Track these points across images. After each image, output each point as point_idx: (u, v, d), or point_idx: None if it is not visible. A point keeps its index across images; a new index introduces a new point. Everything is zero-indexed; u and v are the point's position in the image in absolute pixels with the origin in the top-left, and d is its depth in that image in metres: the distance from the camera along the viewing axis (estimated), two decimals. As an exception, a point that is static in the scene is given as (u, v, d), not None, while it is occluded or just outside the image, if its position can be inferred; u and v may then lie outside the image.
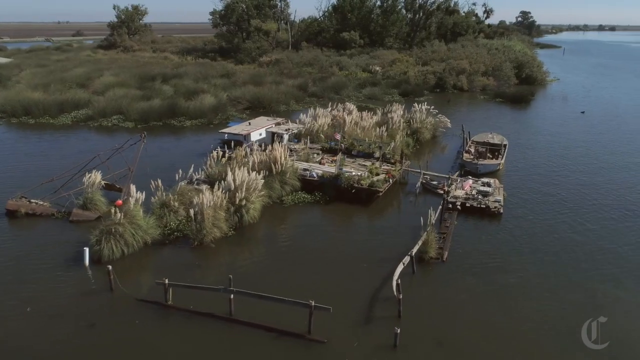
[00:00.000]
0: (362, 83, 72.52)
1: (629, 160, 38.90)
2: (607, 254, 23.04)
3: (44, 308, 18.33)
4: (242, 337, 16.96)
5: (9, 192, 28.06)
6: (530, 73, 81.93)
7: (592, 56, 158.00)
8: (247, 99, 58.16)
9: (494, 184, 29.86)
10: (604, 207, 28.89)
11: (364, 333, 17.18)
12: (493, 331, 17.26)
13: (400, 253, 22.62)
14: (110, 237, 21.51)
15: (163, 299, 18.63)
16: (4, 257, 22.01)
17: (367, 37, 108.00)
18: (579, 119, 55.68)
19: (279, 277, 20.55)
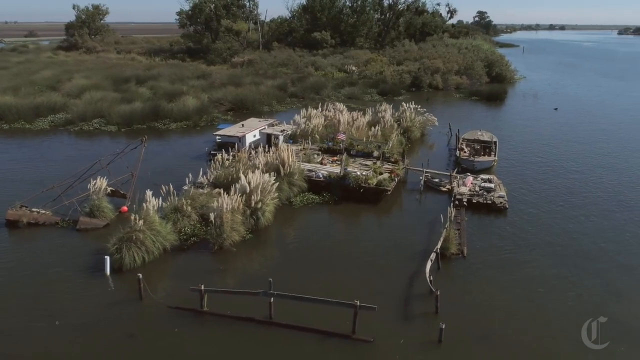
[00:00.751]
0: (340, 83, 73.01)
1: (606, 151, 41.38)
2: (609, 241, 24.23)
3: (73, 320, 17.69)
4: (284, 341, 16.90)
5: (4, 202, 26.84)
6: (500, 72, 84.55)
7: (550, 54, 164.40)
8: (228, 100, 57.54)
9: (494, 180, 30.76)
10: (596, 195, 30.69)
11: (406, 330, 17.46)
12: (528, 323, 17.84)
13: (418, 250, 23.23)
14: (131, 244, 20.94)
15: (195, 305, 18.33)
16: (19, 270, 21.11)
17: (338, 37, 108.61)
18: (553, 115, 57.94)
19: (308, 278, 20.55)
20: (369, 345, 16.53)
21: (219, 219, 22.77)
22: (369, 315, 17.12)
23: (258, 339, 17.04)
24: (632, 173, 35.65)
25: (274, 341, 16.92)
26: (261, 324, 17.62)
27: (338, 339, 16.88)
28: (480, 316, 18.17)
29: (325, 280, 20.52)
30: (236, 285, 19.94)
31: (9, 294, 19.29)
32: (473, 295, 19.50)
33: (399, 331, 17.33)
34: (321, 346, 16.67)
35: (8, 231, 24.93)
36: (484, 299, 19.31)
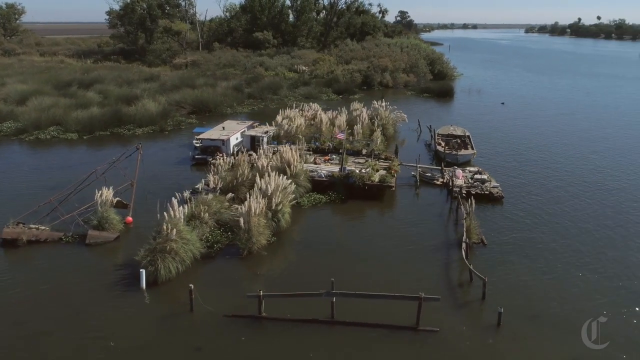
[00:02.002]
0: (293, 83, 73.20)
1: (561, 139, 45.72)
2: (606, 217, 26.73)
3: (129, 340, 16.75)
4: (351, 338, 17.08)
5: None
6: (441, 69, 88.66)
7: (474, 52, 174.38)
8: (188, 103, 55.84)
9: (483, 172, 32.56)
10: (569, 174, 35.28)
11: (462, 317, 18.27)
12: (569, 302, 19.27)
13: (439, 241, 24.56)
14: (165, 255, 20.08)
15: (251, 311, 18.02)
16: (46, 292, 19.51)
17: (279, 37, 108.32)
18: (502, 109, 61.93)
19: (348, 276, 20.70)
20: (436, 336, 17.14)
21: (247, 223, 22.36)
22: (424, 306, 17.69)
23: (325, 339, 17.12)
24: (584, 151, 40.21)
25: (340, 340, 17.06)
26: (324, 324, 17.69)
27: (403, 332, 17.35)
28: (521, 297, 19.38)
29: (365, 276, 20.87)
30: (281, 288, 19.71)
31: (48, 317, 17.85)
32: (506, 279, 20.71)
33: (456, 319, 18.11)
34: (388, 340, 17.04)
35: (7, 251, 22.87)
36: (517, 281, 20.60)
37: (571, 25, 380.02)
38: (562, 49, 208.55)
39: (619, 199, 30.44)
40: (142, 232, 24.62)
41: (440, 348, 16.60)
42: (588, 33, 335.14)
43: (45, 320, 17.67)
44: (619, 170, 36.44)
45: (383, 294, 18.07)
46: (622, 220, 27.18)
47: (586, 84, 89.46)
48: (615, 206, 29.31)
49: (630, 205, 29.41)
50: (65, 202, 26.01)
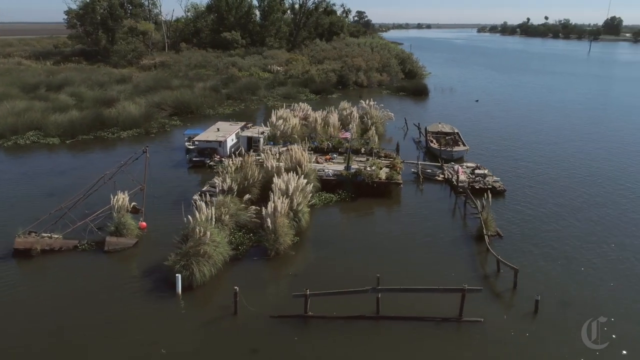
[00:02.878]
0: (270, 83, 72.93)
1: (538, 131, 47.89)
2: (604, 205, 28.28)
3: (179, 346, 16.45)
4: (397, 332, 17.39)
5: None
6: (412, 68, 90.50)
7: (435, 52, 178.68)
8: (169, 105, 54.66)
9: (482, 167, 33.64)
10: (559, 165, 37.21)
11: (500, 307, 18.98)
12: (592, 287, 20.33)
13: (457, 234, 25.32)
14: (199, 259, 19.78)
15: (293, 311, 18.05)
16: (75, 302, 18.82)
17: (248, 37, 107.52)
18: (477, 106, 63.91)
19: (381, 271, 20.89)
20: (480, 326, 17.72)
21: (273, 224, 22.30)
22: (458, 297, 18.25)
23: (372, 334, 17.37)
24: (566, 140, 42.46)
25: (387, 334, 17.34)
26: (370, 320, 17.95)
27: (448, 324, 17.84)
28: (547, 285, 20.25)
29: (394, 272, 21.10)
30: (317, 287, 19.63)
31: (87, 328, 17.27)
32: (533, 270, 21.54)
33: (495, 309, 18.78)
34: (434, 332, 17.48)
35: (21, 262, 21.87)
36: (544, 271, 21.45)
37: (521, 25, 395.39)
38: (516, 48, 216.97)
39: (607, 183, 32.47)
40: (157, 237, 24.21)
41: (487, 337, 17.16)
42: (537, 32, 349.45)
43: (85, 331, 17.09)
44: (601, 157, 38.63)
45: (427, 287, 18.52)
46: (616, 202, 28.86)
47: (547, 82, 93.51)
48: (606, 189, 31.08)
49: (618, 187, 31.31)
50: (74, 209, 25.05)
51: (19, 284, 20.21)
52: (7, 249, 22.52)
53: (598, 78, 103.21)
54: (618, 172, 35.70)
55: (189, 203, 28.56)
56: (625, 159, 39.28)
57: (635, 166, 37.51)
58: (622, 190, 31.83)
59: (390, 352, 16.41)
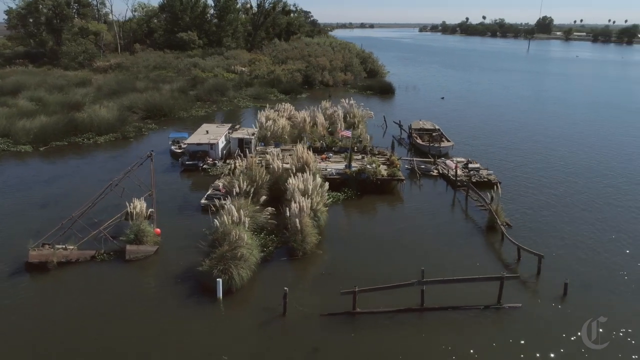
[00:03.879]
0: (237, 84, 72.11)
1: (509, 124, 50.33)
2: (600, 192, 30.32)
3: (238, 351, 16.29)
4: (442, 322, 18.02)
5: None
6: (373, 67, 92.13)
7: (386, 51, 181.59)
8: (140, 108, 52.92)
9: (474, 162, 35.03)
10: (540, 155, 39.55)
11: (531, 291, 20.01)
12: (610, 269, 21.85)
13: (463, 225, 26.54)
14: (237, 262, 19.57)
15: (342, 308, 18.29)
16: (111, 315, 18.13)
17: (205, 38, 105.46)
18: (443, 103, 66.15)
19: (412, 264, 21.57)
20: (519, 311, 18.66)
21: (301, 224, 22.36)
22: (494, 284, 19.17)
23: (419, 324, 17.88)
24: (539, 133, 45.17)
25: (433, 324, 17.91)
26: (415, 312, 18.46)
27: (489, 311, 18.66)
28: (567, 268, 21.54)
29: (424, 264, 21.56)
30: (352, 283, 19.96)
31: (135, 339, 16.75)
32: (550, 256, 22.71)
33: (527, 294, 19.81)
34: (478, 319, 18.25)
35: (36, 277, 20.73)
36: (561, 257, 22.67)
37: (460, 24, 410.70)
38: (461, 47, 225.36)
39: (581, 169, 34.82)
40: (173, 243, 23.67)
41: (528, 321, 18.09)
42: (476, 32, 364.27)
43: (137, 344, 16.55)
44: (573, 144, 41.20)
45: (469, 277, 19.29)
46: (600, 189, 31.08)
47: (499, 79, 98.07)
48: (583, 174, 33.35)
49: (601, 171, 33.66)
50: (81, 218, 23.98)
51: (43, 300, 19.15)
52: (18, 262, 21.30)
53: (545, 75, 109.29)
54: (585, 155, 38.46)
55: (195, 207, 28.22)
56: (590, 143, 42.19)
57: (596, 151, 40.41)
58: (599, 174, 34.24)
59: (440, 341, 16.94)
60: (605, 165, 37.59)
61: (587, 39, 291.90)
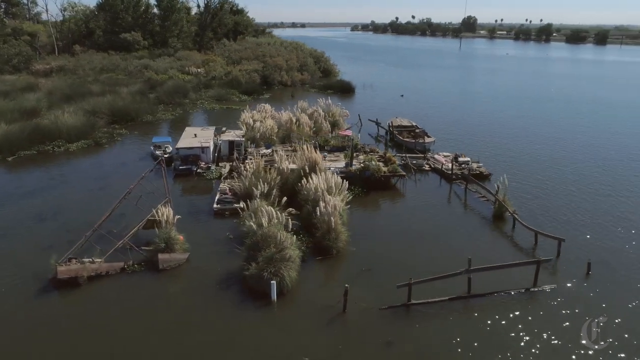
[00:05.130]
0: (195, 85, 70.52)
1: (475, 118, 53.06)
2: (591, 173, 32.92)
3: (316, 352, 16.39)
4: (489, 307, 19.12)
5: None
6: (326, 66, 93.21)
7: (328, 50, 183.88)
8: (105, 113, 50.50)
9: (464, 155, 36.74)
10: (520, 144, 41.70)
11: (558, 274, 21.57)
12: (617, 248, 23.97)
13: (474, 217, 27.85)
14: (287, 263, 19.62)
15: (396, 301, 18.91)
16: (166, 327, 17.61)
17: (150, 38, 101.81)
18: (404, 100, 68.37)
19: (438, 255, 22.64)
20: (554, 291, 20.14)
21: (333, 223, 22.69)
22: (519, 270, 20.66)
23: (467, 311, 18.83)
24: (509, 124, 47.56)
25: (480, 309, 18.94)
26: (463, 299, 19.42)
27: (528, 293, 20.00)
28: (583, 251, 23.41)
29: (444, 256, 22.76)
30: (394, 277, 20.60)
31: (205, 348, 16.39)
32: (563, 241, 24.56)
33: (554, 276, 21.34)
34: (519, 302, 19.48)
35: (68, 293, 19.63)
36: (574, 241, 24.39)
37: (391, 23, 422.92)
38: (397, 45, 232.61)
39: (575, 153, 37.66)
40: (199, 249, 23.16)
41: (566, 300, 19.57)
42: (406, 31, 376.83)
43: (211, 350, 16.24)
44: (543, 131, 44.31)
45: (509, 263, 20.58)
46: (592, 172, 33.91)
47: (445, 75, 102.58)
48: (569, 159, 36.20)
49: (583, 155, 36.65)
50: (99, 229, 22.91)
51: (89, 318, 18.14)
52: (42, 279, 20.11)
53: (483, 70, 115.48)
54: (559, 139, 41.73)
55: (206, 212, 27.74)
56: (554, 128, 45.71)
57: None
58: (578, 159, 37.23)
59: (490, 324, 17.96)
60: (580, 154, 40.84)
61: (509, 37, 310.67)
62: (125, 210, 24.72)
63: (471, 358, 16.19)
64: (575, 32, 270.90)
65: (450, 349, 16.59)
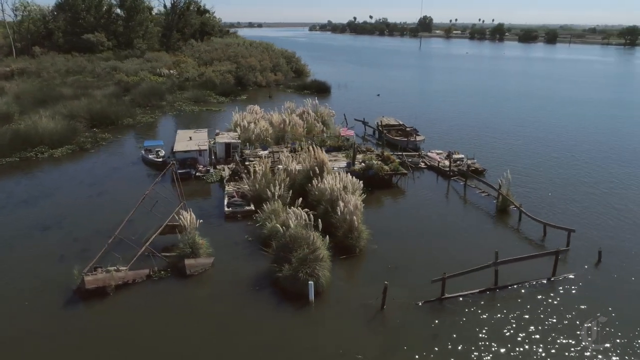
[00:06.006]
0: (170, 87, 69.13)
1: (457, 114, 54.45)
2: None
3: (366, 349, 16.64)
4: (516, 296, 19.98)
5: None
6: (297, 66, 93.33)
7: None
8: (84, 117, 48.78)
9: (457, 152, 37.79)
10: (506, 137, 42.57)
11: (570, 263, 22.67)
12: (620, 237, 25.38)
13: (478, 211, 28.85)
14: (322, 264, 19.78)
15: (431, 296, 19.45)
16: (215, 334, 17.46)
17: (114, 39, 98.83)
18: (380, 99, 69.39)
19: (458, 249, 23.38)
20: (571, 280, 21.19)
21: (356, 222, 22.99)
22: (538, 260, 21.70)
23: (496, 301, 19.60)
24: (493, 118, 48.86)
25: (506, 299, 19.75)
26: (490, 291, 20.17)
27: (549, 283, 20.97)
28: (589, 238, 24.70)
29: (460, 250, 23.59)
30: (420, 273, 21.18)
31: (267, 346, 16.42)
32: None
33: (568, 265, 22.41)
34: (543, 290, 20.44)
35: (96, 304, 19.05)
36: (582, 232, 25.70)
37: (349, 23, 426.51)
38: (359, 45, 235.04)
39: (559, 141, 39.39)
40: (221, 252, 22.95)
41: (585, 287, 20.67)
42: (365, 30, 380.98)
43: (265, 353, 16.21)
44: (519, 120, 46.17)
45: (532, 254, 21.55)
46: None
47: (413, 75, 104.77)
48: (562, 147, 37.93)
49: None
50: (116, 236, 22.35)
51: (119, 330, 17.70)
52: (65, 290, 19.48)
53: (450, 69, 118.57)
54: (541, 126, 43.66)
55: (216, 215, 27.49)
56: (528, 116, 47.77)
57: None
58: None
59: (518, 313, 18.76)
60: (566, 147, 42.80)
61: (464, 37, 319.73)
62: (133, 217, 24.14)
63: (516, 345, 16.88)
64: (527, 32, 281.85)
65: (493, 338, 17.22)
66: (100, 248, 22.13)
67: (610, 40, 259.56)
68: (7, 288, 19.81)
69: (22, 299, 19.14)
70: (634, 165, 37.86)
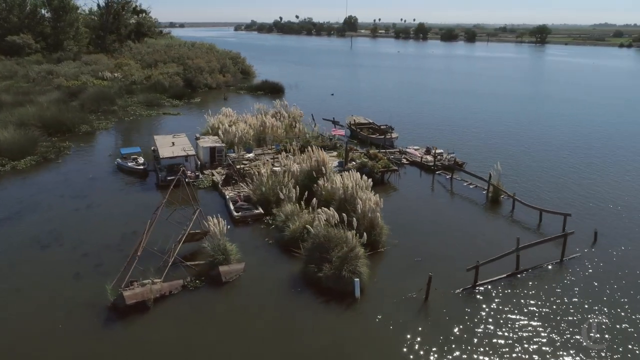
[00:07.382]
0: (117, 91, 65.89)
1: (416, 109, 56.68)
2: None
3: (426, 340, 17.38)
4: (536, 279, 21.61)
5: None
6: (244, 67, 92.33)
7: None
8: (36, 125, 45.44)
9: (436, 148, 39.44)
10: (471, 130, 44.63)
11: (569, 245, 24.71)
12: (612, 216, 27.97)
13: (471, 203, 30.59)
14: (362, 260, 20.26)
15: (463, 284, 20.58)
16: (275, 339, 17.38)
17: (42, 41, 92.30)
18: (334, 99, 70.51)
19: (468, 239, 24.80)
20: (578, 259, 23.22)
21: (376, 219, 23.64)
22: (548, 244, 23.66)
23: (519, 284, 21.11)
24: (454, 113, 51.25)
25: (527, 281, 21.33)
26: (514, 275, 21.66)
27: (561, 263, 22.84)
28: (581, 224, 27.01)
29: (475, 239, 25.16)
30: (443, 264, 22.26)
31: (324, 349, 16.62)
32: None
33: (573, 246, 24.44)
34: (558, 270, 22.28)
35: (139, 317, 18.25)
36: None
37: (275, 23, 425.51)
38: (291, 45, 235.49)
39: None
40: (244, 257, 22.74)
41: (590, 266, 22.72)
42: (292, 30, 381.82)
43: (326, 354, 16.43)
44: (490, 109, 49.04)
45: (543, 239, 23.28)
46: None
47: (352, 72, 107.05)
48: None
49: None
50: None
51: (169, 345, 17.10)
52: (97, 307, 18.60)
53: (390, 68, 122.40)
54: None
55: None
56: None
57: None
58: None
59: (543, 293, 20.38)
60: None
61: (390, 36, 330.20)
62: (139, 228, 23.47)
63: (552, 320, 18.33)
64: (448, 31, 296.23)
65: (530, 316, 18.59)
66: (114, 262, 21.52)
67: (523, 38, 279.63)
68: (35, 317, 18.28)
69: (54, 322, 17.88)
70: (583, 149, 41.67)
